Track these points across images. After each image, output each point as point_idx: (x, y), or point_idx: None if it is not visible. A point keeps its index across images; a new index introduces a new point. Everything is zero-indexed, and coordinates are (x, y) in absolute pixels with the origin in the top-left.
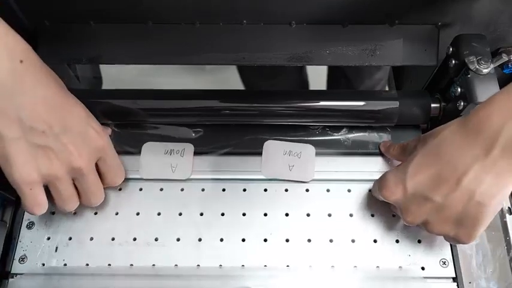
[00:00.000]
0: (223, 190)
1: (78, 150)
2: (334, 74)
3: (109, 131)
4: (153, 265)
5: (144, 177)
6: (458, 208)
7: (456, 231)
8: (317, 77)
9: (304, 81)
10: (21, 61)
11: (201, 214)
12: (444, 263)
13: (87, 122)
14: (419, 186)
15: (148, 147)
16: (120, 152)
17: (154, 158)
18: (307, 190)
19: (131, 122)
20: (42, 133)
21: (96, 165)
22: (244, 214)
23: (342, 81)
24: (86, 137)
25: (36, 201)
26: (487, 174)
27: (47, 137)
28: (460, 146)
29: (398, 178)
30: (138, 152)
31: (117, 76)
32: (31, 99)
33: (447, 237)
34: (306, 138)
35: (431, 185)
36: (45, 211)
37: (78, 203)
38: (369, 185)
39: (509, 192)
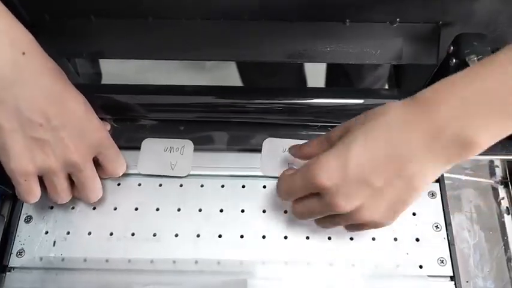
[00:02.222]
0: (222, 186)
1: (75, 145)
2: (334, 73)
3: (108, 126)
4: (151, 260)
5: (143, 173)
6: (394, 193)
7: (384, 215)
8: (317, 76)
9: (303, 80)
10: (23, 53)
11: (200, 210)
12: (442, 261)
13: (87, 117)
14: (361, 169)
15: (147, 144)
16: (119, 147)
17: (154, 155)
18: None
19: (130, 117)
20: (39, 126)
21: (96, 158)
22: (242, 211)
23: (341, 80)
24: (84, 131)
25: (29, 191)
26: (428, 163)
27: (44, 130)
28: (407, 132)
29: (339, 161)
30: (137, 147)
31: (116, 72)
32: (31, 91)
33: (370, 223)
34: (305, 135)
35: (373, 168)
36: (37, 199)
37: (71, 196)
38: None
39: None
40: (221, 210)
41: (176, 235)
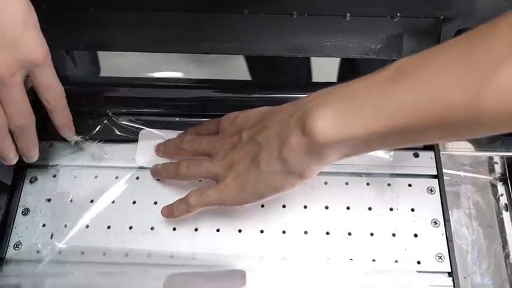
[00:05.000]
0: None
1: (3, 59)
2: (345, 71)
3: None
4: (149, 254)
5: (141, 165)
6: (245, 156)
7: (224, 175)
8: (326, 74)
9: (310, 79)
10: None
11: None
12: (440, 257)
13: (24, 30)
14: (245, 121)
15: (145, 135)
16: (116, 140)
17: (151, 146)
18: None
19: (127, 110)
20: None
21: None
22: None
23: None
24: (17, 43)
25: None
26: (278, 137)
27: None
28: (285, 107)
29: (242, 111)
30: (135, 141)
31: (114, 68)
32: None
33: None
34: None
35: (250, 124)
36: None
37: (4, 122)
38: (365, 179)
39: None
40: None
41: (174, 229)
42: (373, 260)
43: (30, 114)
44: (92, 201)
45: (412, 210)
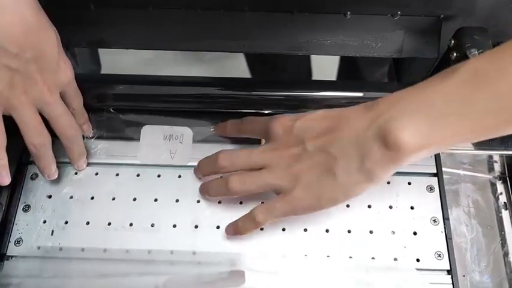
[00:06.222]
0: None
1: (44, 79)
2: (345, 69)
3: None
4: (149, 251)
5: (143, 162)
6: (314, 167)
7: (290, 187)
8: (326, 71)
9: (310, 76)
10: None
11: (198, 201)
12: (439, 255)
13: (58, 53)
14: (305, 129)
15: (147, 131)
16: (117, 137)
17: (153, 143)
18: None
19: (128, 108)
20: (14, 56)
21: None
22: (241, 202)
23: (351, 76)
24: (56, 67)
25: None
26: (356, 150)
27: (18, 60)
28: (355, 116)
29: (294, 117)
30: (135, 138)
31: (115, 65)
32: (10, 18)
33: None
34: None
35: (314, 134)
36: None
37: (48, 137)
38: None
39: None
40: (219, 202)
41: (174, 226)
42: (373, 258)
43: (76, 126)
44: (92, 198)
45: (412, 208)
